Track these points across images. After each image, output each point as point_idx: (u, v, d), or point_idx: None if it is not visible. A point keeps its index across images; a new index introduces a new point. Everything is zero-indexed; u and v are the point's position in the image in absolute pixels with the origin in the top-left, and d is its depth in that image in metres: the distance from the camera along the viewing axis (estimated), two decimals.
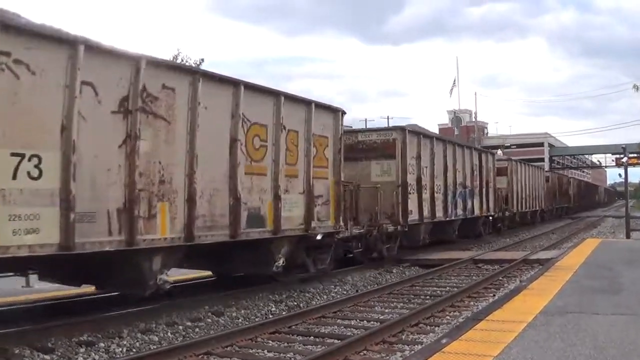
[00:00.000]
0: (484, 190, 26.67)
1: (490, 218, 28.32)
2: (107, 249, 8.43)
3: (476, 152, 26.70)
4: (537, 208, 41.23)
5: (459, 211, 23.21)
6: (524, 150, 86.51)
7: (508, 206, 32.43)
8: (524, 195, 36.47)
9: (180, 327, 9.64)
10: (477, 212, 25.59)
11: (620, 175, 39.31)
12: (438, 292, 13.22)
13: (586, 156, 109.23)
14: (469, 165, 24.67)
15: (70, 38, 7.86)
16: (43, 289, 11.68)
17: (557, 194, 50.92)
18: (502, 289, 12.91)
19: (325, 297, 12.95)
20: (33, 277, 10.77)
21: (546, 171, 49.06)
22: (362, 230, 15.94)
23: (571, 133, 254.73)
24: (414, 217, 18.79)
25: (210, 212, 10.30)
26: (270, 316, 10.76)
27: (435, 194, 20.49)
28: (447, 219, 21.88)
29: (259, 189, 11.49)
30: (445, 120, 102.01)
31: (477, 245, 24.84)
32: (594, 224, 44.16)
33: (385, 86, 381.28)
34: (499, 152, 55.42)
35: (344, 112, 14.62)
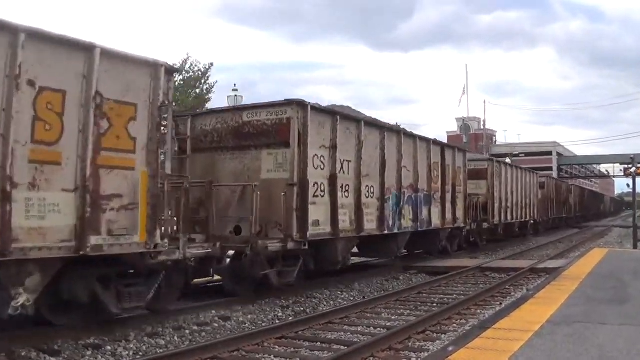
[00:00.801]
0: (448, 195, 21.10)
1: (464, 231, 23.41)
2: None
3: (437, 147, 20.59)
4: (528, 219, 35.28)
5: (406, 222, 17.80)
6: (532, 159, 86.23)
7: (487, 216, 27.13)
8: (509, 204, 30.83)
9: (187, 331, 9.68)
10: (436, 223, 19.99)
11: (628, 185, 39.03)
12: (445, 299, 13.21)
13: (594, 166, 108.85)
14: (425, 163, 19.21)
15: None
16: None
17: (555, 203, 45.89)
18: (508, 297, 12.89)
19: (332, 303, 12.96)
20: None
21: (541, 176, 41.67)
22: (208, 250, 10.80)
23: (580, 142, 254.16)
24: (321, 229, 13.61)
25: None
26: (277, 321, 10.78)
27: (365, 199, 15.30)
28: (385, 232, 16.48)
29: None
30: (454, 128, 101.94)
31: (485, 253, 24.80)
32: (601, 234, 43.98)
33: (394, 93, 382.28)
34: (508, 160, 55.16)
35: (171, 69, 9.88)
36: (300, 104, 13.18)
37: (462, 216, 22.72)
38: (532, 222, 36.78)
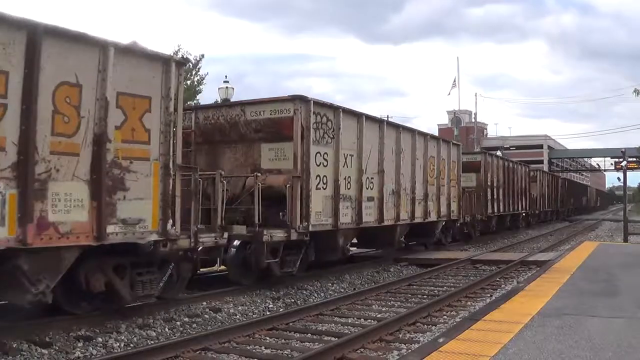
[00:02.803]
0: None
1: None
2: None
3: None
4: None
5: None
6: (523, 152, 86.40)
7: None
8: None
9: (178, 323, 9.67)
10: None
11: (619, 179, 39.25)
12: (435, 291, 13.25)
13: (585, 159, 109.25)
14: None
15: None
16: None
17: (502, 194, 31.21)
18: (499, 289, 12.93)
19: (322, 294, 12.97)
20: None
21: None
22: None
23: (571, 136, 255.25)
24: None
25: None
26: (268, 313, 10.79)
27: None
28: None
29: None
30: (446, 120, 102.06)
31: (475, 246, 24.89)
32: (591, 227, 44.18)
33: (385, 85, 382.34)
34: (499, 153, 55.19)
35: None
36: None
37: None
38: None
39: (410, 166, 18.54)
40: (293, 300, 12.12)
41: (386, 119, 20.83)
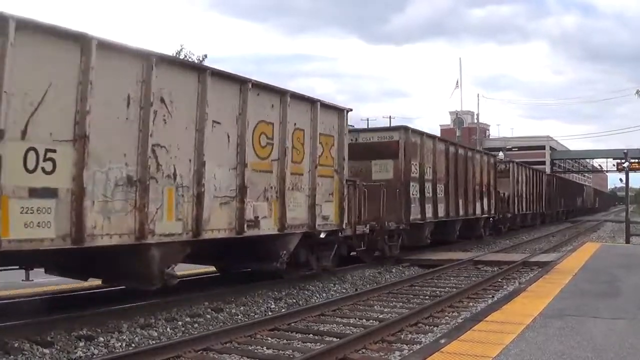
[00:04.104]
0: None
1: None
2: None
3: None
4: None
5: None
6: (525, 153, 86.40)
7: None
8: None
9: (180, 323, 9.66)
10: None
11: (621, 180, 39.24)
12: (437, 292, 13.24)
13: (587, 160, 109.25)
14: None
15: None
16: (43, 283, 11.72)
17: (443, 191, 22.25)
18: (501, 290, 12.93)
19: (324, 295, 12.97)
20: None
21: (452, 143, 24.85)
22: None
23: (573, 137, 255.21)
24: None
25: None
26: (270, 313, 10.78)
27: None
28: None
29: None
30: (448, 121, 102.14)
31: (477, 246, 24.87)
32: (593, 228, 44.14)
33: (387, 86, 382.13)
34: (501, 154, 55.04)
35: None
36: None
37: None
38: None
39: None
40: (295, 301, 12.11)
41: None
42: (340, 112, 14.52)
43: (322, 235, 13.72)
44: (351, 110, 14.81)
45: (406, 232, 18.80)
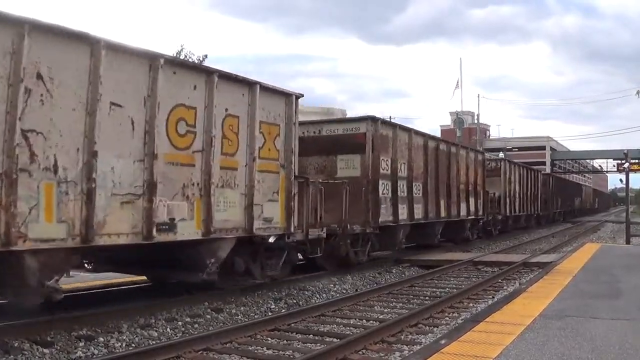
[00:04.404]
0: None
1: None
2: None
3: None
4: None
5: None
6: (525, 153, 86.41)
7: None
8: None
9: (180, 323, 9.66)
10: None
11: (621, 180, 39.05)
12: (437, 293, 13.23)
13: (588, 161, 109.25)
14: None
15: None
16: None
17: (421, 190, 19.84)
18: (501, 291, 12.92)
19: (324, 295, 12.96)
20: None
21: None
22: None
23: (573, 137, 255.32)
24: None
25: None
26: (270, 313, 10.78)
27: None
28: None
29: None
30: (448, 122, 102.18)
31: (477, 247, 24.87)
32: (593, 228, 44.12)
33: (387, 86, 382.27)
34: (501, 154, 54.98)
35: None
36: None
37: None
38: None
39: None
40: (295, 301, 12.11)
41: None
42: (288, 97, 12.47)
43: (272, 240, 12.04)
44: (301, 96, 12.85)
45: (376, 236, 16.94)
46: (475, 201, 25.40)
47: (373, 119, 16.83)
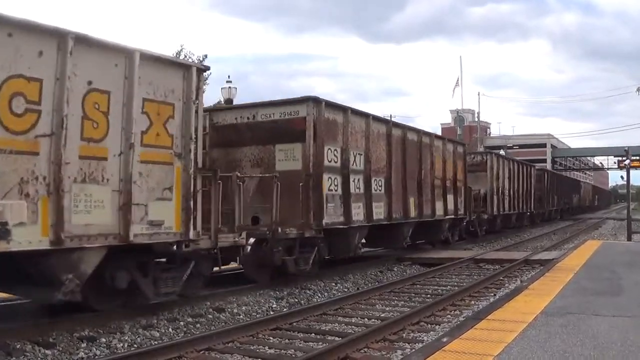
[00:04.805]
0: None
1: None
2: None
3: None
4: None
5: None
6: (526, 151, 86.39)
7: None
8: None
9: (182, 323, 9.67)
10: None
11: (622, 177, 38.99)
12: (439, 290, 13.24)
13: (589, 158, 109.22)
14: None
15: None
16: None
17: (383, 185, 16.88)
18: (502, 288, 12.91)
19: (326, 294, 12.97)
20: None
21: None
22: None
23: (574, 135, 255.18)
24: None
25: None
26: (271, 313, 10.78)
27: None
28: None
29: None
30: (449, 119, 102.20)
31: (479, 245, 24.87)
32: (595, 225, 44.11)
33: (387, 85, 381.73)
34: (502, 152, 54.97)
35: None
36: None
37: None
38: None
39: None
40: (297, 300, 12.12)
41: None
42: (187, 69, 9.92)
43: (175, 248, 9.83)
44: (206, 69, 10.91)
45: (325, 241, 14.14)
46: (455, 199, 22.45)
47: (315, 100, 13.75)
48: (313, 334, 9.12)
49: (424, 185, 19.38)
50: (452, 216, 22.11)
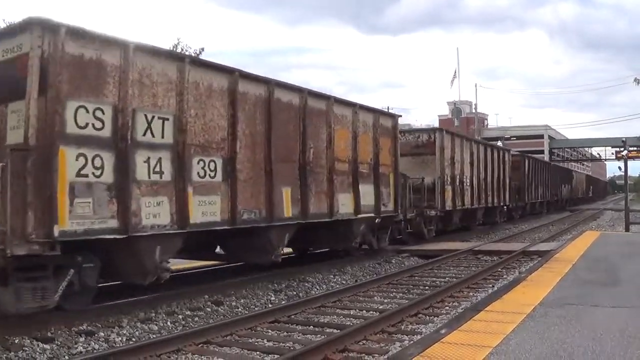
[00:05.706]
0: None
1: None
2: None
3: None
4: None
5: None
6: (524, 142, 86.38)
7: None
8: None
9: (180, 317, 9.66)
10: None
11: (620, 168, 38.90)
12: (437, 282, 13.24)
13: (586, 149, 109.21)
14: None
15: None
16: None
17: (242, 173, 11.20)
18: (501, 280, 12.93)
19: (324, 286, 12.97)
20: None
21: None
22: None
23: (571, 125, 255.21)
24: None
25: None
26: (270, 305, 10.78)
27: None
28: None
29: None
30: (446, 111, 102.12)
31: (477, 236, 24.86)
32: (593, 216, 44.17)
33: (384, 77, 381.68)
34: (499, 143, 54.91)
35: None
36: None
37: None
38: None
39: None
40: (295, 293, 12.12)
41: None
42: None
43: None
44: None
45: (73, 261, 8.51)
46: (377, 191, 16.07)
47: (46, 25, 8.01)
48: (311, 327, 9.11)
49: (314, 171, 13.37)
50: (371, 214, 15.81)
